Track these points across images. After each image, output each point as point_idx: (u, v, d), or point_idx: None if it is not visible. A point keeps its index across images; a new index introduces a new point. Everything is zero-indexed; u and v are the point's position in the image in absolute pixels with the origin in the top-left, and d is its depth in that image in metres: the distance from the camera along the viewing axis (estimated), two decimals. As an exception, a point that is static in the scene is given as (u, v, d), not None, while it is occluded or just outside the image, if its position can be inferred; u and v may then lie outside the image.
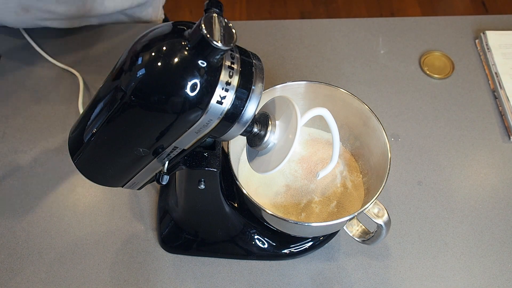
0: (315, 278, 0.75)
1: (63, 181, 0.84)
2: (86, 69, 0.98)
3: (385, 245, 0.78)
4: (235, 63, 0.48)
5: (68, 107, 0.92)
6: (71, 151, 0.56)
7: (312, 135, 0.79)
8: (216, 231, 0.74)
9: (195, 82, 0.45)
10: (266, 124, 0.56)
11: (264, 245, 0.75)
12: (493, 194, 0.84)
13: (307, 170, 0.74)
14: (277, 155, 0.55)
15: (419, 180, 0.85)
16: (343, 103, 0.73)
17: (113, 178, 0.59)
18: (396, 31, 1.04)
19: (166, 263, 0.76)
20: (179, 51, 0.45)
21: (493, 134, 0.91)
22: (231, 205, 0.71)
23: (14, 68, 0.98)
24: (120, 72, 0.47)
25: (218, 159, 0.61)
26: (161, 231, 0.77)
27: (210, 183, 0.63)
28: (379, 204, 0.64)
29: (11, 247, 0.77)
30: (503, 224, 0.81)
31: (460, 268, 0.76)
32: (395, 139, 0.90)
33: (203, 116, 0.47)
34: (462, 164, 0.87)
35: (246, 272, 0.75)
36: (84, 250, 0.77)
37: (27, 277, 0.74)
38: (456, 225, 0.81)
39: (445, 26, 1.06)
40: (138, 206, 0.81)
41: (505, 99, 0.92)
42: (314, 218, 0.71)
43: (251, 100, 0.49)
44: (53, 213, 0.80)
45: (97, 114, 0.51)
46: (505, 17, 1.07)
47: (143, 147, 0.51)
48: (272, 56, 1.01)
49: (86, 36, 1.04)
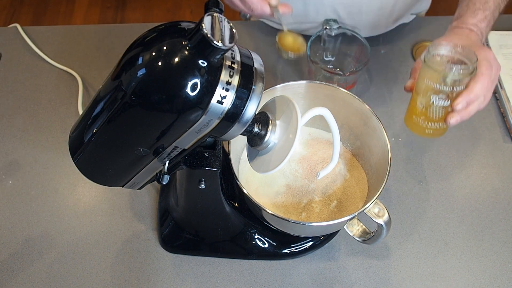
0: (315, 277, 0.75)
1: (63, 181, 0.84)
2: (85, 70, 0.98)
3: (385, 244, 0.78)
4: (235, 63, 0.48)
5: (68, 107, 0.92)
6: (72, 151, 0.56)
7: (312, 135, 0.79)
8: (217, 231, 0.74)
9: (196, 81, 0.45)
10: (267, 123, 0.56)
11: (264, 245, 0.75)
12: (493, 194, 0.84)
13: (308, 170, 0.74)
14: (278, 154, 0.55)
15: (419, 180, 0.85)
16: (344, 103, 0.73)
17: (113, 177, 0.59)
18: (396, 31, 1.04)
19: (167, 262, 0.76)
20: (179, 51, 0.45)
21: (494, 134, 0.91)
22: (232, 204, 0.71)
23: (14, 68, 0.98)
24: (121, 72, 0.47)
25: (219, 159, 0.61)
26: (162, 231, 0.77)
27: (211, 183, 0.63)
28: (380, 204, 0.64)
29: (11, 247, 0.77)
30: (504, 224, 0.81)
31: (461, 267, 0.76)
32: (395, 138, 0.90)
33: (203, 116, 0.47)
34: (463, 164, 0.87)
35: (246, 272, 0.75)
36: (84, 249, 0.77)
37: (27, 277, 0.74)
38: (456, 224, 0.80)
39: (446, 26, 1.06)
40: (139, 206, 0.81)
41: (505, 99, 0.92)
42: (314, 217, 0.71)
43: (251, 99, 0.49)
44: (53, 213, 0.80)
45: (97, 114, 0.51)
46: (505, 18, 1.07)
47: (144, 147, 0.51)
48: (272, 56, 1.01)
49: (86, 37, 1.04)
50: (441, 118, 0.64)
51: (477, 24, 0.73)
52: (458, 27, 0.73)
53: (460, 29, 0.73)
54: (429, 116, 0.64)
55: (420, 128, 0.67)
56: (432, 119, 0.65)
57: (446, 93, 0.62)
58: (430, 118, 0.65)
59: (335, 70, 0.93)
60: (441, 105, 0.63)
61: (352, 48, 0.91)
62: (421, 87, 0.64)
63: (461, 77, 0.61)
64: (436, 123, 0.65)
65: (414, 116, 0.67)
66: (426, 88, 0.63)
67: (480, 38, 0.72)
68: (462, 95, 0.62)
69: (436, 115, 0.64)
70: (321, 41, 0.91)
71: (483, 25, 0.73)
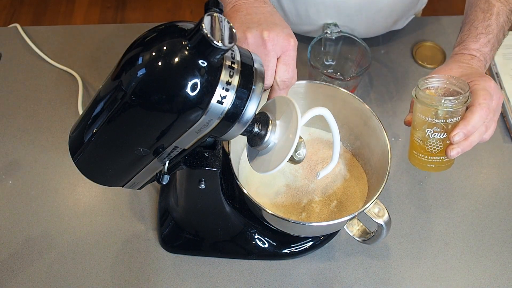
0: (315, 277, 0.75)
1: (63, 181, 0.84)
2: (85, 70, 0.98)
3: (385, 244, 0.78)
4: (235, 62, 0.48)
5: (68, 107, 0.92)
6: (72, 151, 0.56)
7: (312, 135, 0.79)
8: (217, 231, 0.74)
9: (196, 81, 0.45)
10: (267, 124, 0.56)
11: (264, 245, 0.75)
12: (493, 194, 0.84)
13: (308, 170, 0.74)
14: (278, 154, 0.55)
15: (419, 179, 0.85)
16: (344, 103, 0.73)
17: (113, 177, 0.59)
18: (396, 31, 1.04)
19: (167, 262, 0.76)
20: (179, 51, 0.45)
21: (494, 134, 0.90)
22: (232, 204, 0.71)
23: (14, 68, 0.98)
24: (121, 71, 0.47)
25: (219, 159, 0.61)
26: (162, 231, 0.77)
27: (211, 183, 0.63)
28: (380, 204, 0.64)
29: (11, 247, 0.77)
30: (504, 224, 0.81)
31: (461, 268, 0.76)
32: (395, 138, 0.90)
33: (203, 116, 0.47)
34: (463, 164, 0.87)
35: (246, 272, 0.75)
36: (84, 250, 0.77)
37: (27, 277, 0.74)
38: (456, 225, 0.80)
39: (446, 26, 1.06)
40: (139, 206, 0.81)
41: (505, 100, 0.92)
42: (314, 217, 0.71)
43: (251, 100, 0.49)
44: (53, 213, 0.80)
45: (97, 113, 0.51)
46: (505, 17, 1.07)
47: (144, 146, 0.51)
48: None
49: (86, 37, 1.04)
50: (441, 152, 0.63)
51: (480, 49, 0.70)
52: (460, 54, 0.71)
53: (462, 56, 0.70)
54: (428, 150, 0.64)
55: (421, 163, 0.66)
56: (432, 153, 0.64)
57: (440, 125, 0.61)
58: (430, 152, 0.64)
59: (336, 75, 0.93)
60: (438, 138, 0.62)
61: (353, 52, 0.91)
62: (416, 121, 0.64)
63: (453, 108, 0.60)
64: (437, 157, 0.64)
65: (414, 151, 0.66)
66: (420, 122, 0.63)
67: (483, 64, 0.70)
68: (458, 126, 0.60)
69: (434, 148, 0.63)
70: (322, 45, 0.91)
71: (486, 50, 0.70)
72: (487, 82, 0.63)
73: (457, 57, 0.71)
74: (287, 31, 0.58)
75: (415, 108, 0.63)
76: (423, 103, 0.61)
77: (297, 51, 0.59)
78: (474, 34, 0.71)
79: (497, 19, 0.72)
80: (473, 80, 0.64)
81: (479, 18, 0.73)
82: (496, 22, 0.72)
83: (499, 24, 0.72)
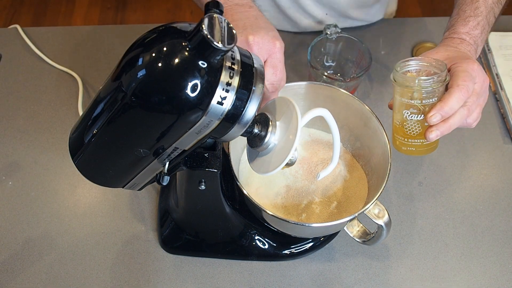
0: (315, 278, 0.75)
1: (63, 181, 0.84)
2: (85, 70, 0.98)
3: (385, 245, 0.78)
4: (235, 63, 0.48)
5: (68, 108, 0.92)
6: (72, 151, 0.56)
7: (312, 136, 0.79)
8: (217, 232, 0.74)
9: (196, 82, 0.45)
10: (267, 124, 0.56)
11: (264, 246, 0.75)
12: (493, 195, 0.84)
13: (308, 171, 0.74)
14: (278, 155, 0.55)
15: (419, 180, 0.85)
16: (344, 104, 0.73)
17: (113, 178, 0.59)
18: (396, 32, 1.04)
19: (167, 263, 0.76)
20: (179, 52, 0.45)
21: (494, 135, 0.91)
22: (232, 205, 0.71)
23: (14, 69, 0.98)
24: (121, 72, 0.47)
25: (219, 160, 0.61)
26: (162, 232, 0.77)
27: (211, 184, 0.63)
28: (380, 205, 0.64)
29: (11, 248, 0.77)
30: (504, 225, 0.80)
31: (461, 268, 0.76)
32: (395, 139, 0.90)
33: (203, 117, 0.47)
34: (463, 165, 0.87)
35: (246, 273, 0.75)
36: (84, 251, 0.77)
37: (27, 278, 0.74)
38: (456, 225, 0.80)
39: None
40: (139, 207, 0.81)
41: (506, 100, 0.92)
42: (314, 218, 0.71)
43: (251, 100, 0.49)
44: (53, 214, 0.80)
45: (97, 114, 0.51)
46: (505, 18, 1.07)
47: (144, 147, 0.51)
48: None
49: (86, 38, 1.04)
50: (420, 134, 0.62)
51: (469, 33, 0.69)
52: (450, 38, 0.70)
53: (451, 40, 0.69)
54: (406, 132, 0.63)
55: (402, 146, 0.65)
56: (411, 135, 0.63)
57: (416, 107, 0.61)
58: (409, 135, 0.64)
59: (336, 76, 0.93)
60: (416, 120, 0.62)
61: (353, 53, 0.91)
62: (395, 104, 0.64)
63: (429, 88, 0.59)
64: (417, 140, 0.64)
65: (395, 134, 0.66)
66: (399, 105, 0.63)
67: (474, 48, 0.69)
68: (435, 107, 0.59)
69: (412, 130, 0.63)
70: (322, 46, 0.91)
71: (476, 32, 0.70)
72: (469, 64, 0.62)
73: (446, 41, 0.70)
74: (273, 34, 0.58)
75: (394, 91, 0.64)
76: (400, 85, 0.62)
77: (297, 52, 0.59)
78: (462, 18, 0.71)
79: (486, 1, 0.72)
80: (456, 62, 0.63)
81: (467, 1, 0.72)
82: (485, 4, 0.71)
83: (487, 6, 0.72)
